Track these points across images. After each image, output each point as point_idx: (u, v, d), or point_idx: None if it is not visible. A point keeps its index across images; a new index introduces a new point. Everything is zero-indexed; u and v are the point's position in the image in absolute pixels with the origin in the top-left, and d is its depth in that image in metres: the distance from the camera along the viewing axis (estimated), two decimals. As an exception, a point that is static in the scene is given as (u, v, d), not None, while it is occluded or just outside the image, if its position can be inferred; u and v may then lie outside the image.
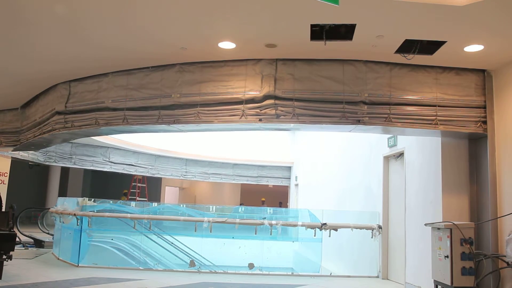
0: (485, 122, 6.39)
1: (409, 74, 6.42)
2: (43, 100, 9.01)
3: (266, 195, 24.61)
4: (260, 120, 6.43)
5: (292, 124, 6.61)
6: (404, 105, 6.35)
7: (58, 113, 8.09)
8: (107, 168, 16.76)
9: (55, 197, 19.10)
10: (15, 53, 6.85)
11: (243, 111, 6.48)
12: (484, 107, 6.42)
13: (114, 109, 7.31)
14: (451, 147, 6.95)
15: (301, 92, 6.40)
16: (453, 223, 6.03)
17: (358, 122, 6.30)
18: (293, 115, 6.36)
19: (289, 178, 19.34)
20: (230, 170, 19.26)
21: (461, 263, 5.89)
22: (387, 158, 9.04)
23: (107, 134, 9.09)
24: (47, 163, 15.41)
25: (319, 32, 5.43)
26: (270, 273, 9.13)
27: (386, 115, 6.32)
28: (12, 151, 11.73)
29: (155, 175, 18.63)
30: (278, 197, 23.71)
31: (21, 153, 13.45)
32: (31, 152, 13.98)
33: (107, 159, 16.60)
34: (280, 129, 7.93)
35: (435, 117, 6.32)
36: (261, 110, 6.43)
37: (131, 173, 17.91)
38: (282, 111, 6.39)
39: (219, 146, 17.92)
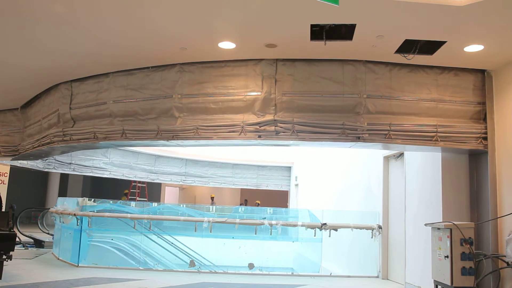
0: (485, 138, 6.35)
1: (409, 75, 6.42)
2: (45, 101, 9.01)
3: (266, 195, 24.55)
4: (260, 136, 6.40)
5: (291, 141, 6.57)
6: (403, 114, 6.33)
7: (59, 119, 8.09)
8: (106, 174, 16.59)
9: (55, 197, 19.09)
10: (16, 52, 6.85)
11: (242, 127, 6.43)
12: (485, 122, 6.39)
13: (113, 121, 7.27)
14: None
15: (301, 94, 6.39)
16: (453, 223, 6.03)
17: (358, 138, 6.26)
18: (293, 132, 6.32)
19: (289, 178, 19.33)
20: (230, 171, 19.23)
21: (461, 263, 5.89)
22: (387, 158, 9.05)
23: (105, 147, 9.04)
24: (46, 170, 15.36)
25: (319, 32, 5.44)
26: (270, 273, 9.13)
27: (386, 132, 6.27)
28: (11, 160, 11.73)
29: (155, 181, 18.52)
30: (278, 198, 23.69)
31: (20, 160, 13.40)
32: (29, 159, 13.94)
33: (107, 159, 16.55)
34: (279, 145, 7.88)
35: (435, 133, 6.28)
36: (260, 127, 6.39)
37: (131, 178, 17.81)
38: (281, 127, 6.34)
39: (219, 146, 17.87)
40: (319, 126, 6.30)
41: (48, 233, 13.14)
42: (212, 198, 23.00)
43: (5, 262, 7.13)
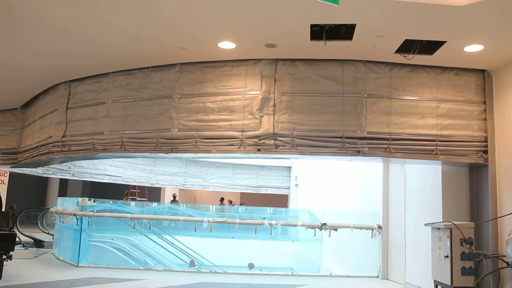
0: (485, 152, 6.32)
1: (409, 74, 6.42)
2: (43, 100, 9.02)
3: (265, 195, 24.50)
4: (259, 150, 6.37)
5: (291, 154, 6.52)
6: (405, 114, 6.31)
7: (53, 119, 8.07)
8: (105, 180, 16.48)
9: (55, 197, 19.06)
10: (15, 53, 6.85)
11: (242, 140, 6.40)
12: (485, 141, 6.36)
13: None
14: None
15: (301, 93, 6.38)
16: (453, 223, 6.02)
17: (358, 152, 6.23)
18: (292, 146, 6.29)
19: (289, 178, 19.33)
20: (230, 171, 19.19)
21: (461, 263, 5.88)
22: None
23: (104, 158, 8.99)
24: (45, 176, 15.35)
25: (319, 32, 5.44)
26: (270, 273, 9.13)
27: (386, 145, 6.24)
28: (10, 168, 11.76)
29: (154, 185, 18.45)
30: (278, 198, 23.66)
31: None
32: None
33: (108, 159, 16.49)
34: (279, 158, 7.86)
35: (435, 147, 6.25)
36: (259, 140, 6.35)
37: (130, 183, 17.72)
38: (281, 141, 6.30)
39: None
40: (319, 140, 6.26)
41: (48, 233, 13.13)
42: (174, 197, 22.87)
43: (5, 262, 7.13)
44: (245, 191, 19.56)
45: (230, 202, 22.27)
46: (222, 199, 23.52)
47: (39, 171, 14.37)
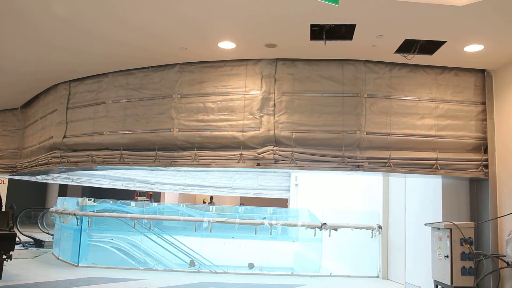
0: (486, 166, 6.31)
1: (409, 74, 6.42)
2: (43, 100, 9.01)
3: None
4: (258, 164, 6.35)
5: (290, 169, 6.48)
6: (404, 114, 6.30)
7: (53, 120, 8.07)
8: (105, 185, 16.44)
9: (55, 197, 19.05)
10: (15, 52, 6.85)
11: (241, 155, 6.37)
12: (485, 151, 6.36)
13: (112, 149, 7.20)
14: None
15: (301, 93, 6.38)
16: (453, 223, 6.02)
17: (358, 167, 6.22)
18: (292, 160, 6.26)
19: (289, 178, 19.30)
20: (230, 169, 19.14)
21: (461, 263, 5.89)
22: (387, 158, 9.02)
23: (103, 170, 8.96)
24: (44, 181, 15.32)
25: (319, 32, 5.45)
26: (270, 273, 9.13)
27: (386, 160, 6.22)
28: (9, 175, 11.78)
29: (154, 190, 18.40)
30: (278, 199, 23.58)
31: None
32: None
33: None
34: (278, 172, 7.85)
35: (435, 161, 6.23)
36: (259, 154, 6.32)
37: (130, 188, 17.67)
38: (280, 155, 6.27)
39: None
40: (318, 154, 6.23)
41: (48, 233, 13.14)
42: (151, 196, 22.88)
43: (5, 262, 7.12)
44: (245, 195, 19.52)
45: (204, 202, 22.33)
46: (211, 198, 23.74)
47: (38, 177, 14.38)
